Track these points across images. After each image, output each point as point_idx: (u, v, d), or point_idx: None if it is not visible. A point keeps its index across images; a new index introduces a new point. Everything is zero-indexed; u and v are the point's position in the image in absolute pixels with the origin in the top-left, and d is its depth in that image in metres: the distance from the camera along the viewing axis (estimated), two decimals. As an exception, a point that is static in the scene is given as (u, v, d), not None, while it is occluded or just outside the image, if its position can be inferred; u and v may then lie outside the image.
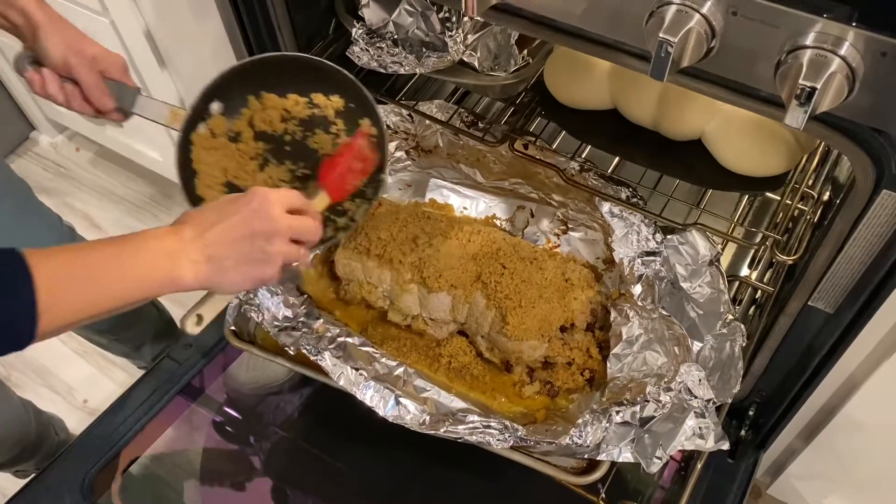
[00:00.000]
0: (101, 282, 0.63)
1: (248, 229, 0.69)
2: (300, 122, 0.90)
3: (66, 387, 1.63)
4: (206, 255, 0.67)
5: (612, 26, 0.68)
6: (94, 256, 0.63)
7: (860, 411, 0.99)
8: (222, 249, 0.68)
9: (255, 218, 0.69)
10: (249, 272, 0.70)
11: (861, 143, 0.68)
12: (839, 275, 0.81)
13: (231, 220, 0.68)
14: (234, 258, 0.68)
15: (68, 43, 0.80)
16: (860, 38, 0.56)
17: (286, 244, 0.71)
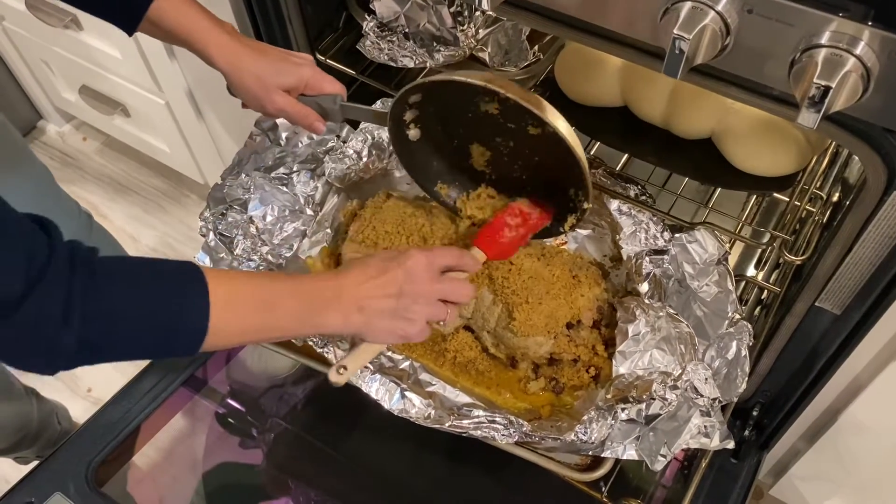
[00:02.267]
0: (268, 315, 0.69)
1: (397, 288, 0.75)
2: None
3: (70, 375, 1.63)
4: (357, 307, 0.74)
5: (626, 22, 0.68)
6: (267, 290, 0.70)
7: (865, 413, 0.99)
8: (373, 303, 0.74)
9: (406, 278, 0.75)
10: (393, 328, 0.76)
11: (873, 143, 0.68)
12: (847, 276, 0.81)
13: (385, 277, 0.75)
14: (380, 313, 0.75)
15: (254, 93, 0.84)
16: (876, 37, 0.56)
17: (432, 305, 0.77)
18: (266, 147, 1.05)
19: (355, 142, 1.07)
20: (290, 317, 0.71)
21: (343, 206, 1.08)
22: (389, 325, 0.76)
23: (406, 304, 0.75)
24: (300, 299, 0.72)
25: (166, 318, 0.62)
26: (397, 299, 0.75)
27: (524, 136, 0.83)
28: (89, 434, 1.04)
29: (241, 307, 0.67)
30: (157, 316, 0.62)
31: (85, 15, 1.38)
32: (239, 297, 0.67)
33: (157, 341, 0.63)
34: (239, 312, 0.66)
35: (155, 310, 0.62)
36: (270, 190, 1.02)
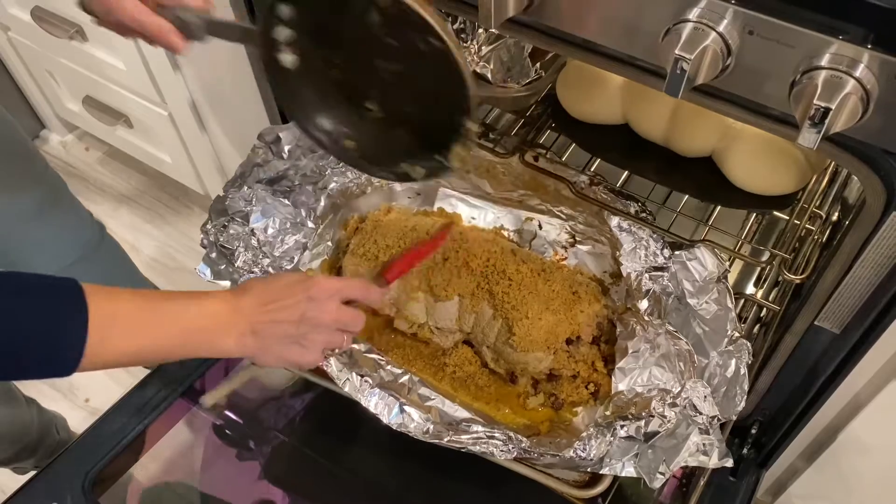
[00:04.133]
0: (152, 334, 0.67)
1: (299, 314, 0.73)
2: None
3: (68, 385, 1.63)
4: (253, 330, 0.72)
5: (627, 42, 0.68)
6: (153, 309, 0.67)
7: (864, 432, 0.99)
8: (270, 328, 0.72)
9: (309, 306, 0.73)
10: (288, 354, 0.75)
11: (872, 164, 0.68)
12: (847, 295, 0.81)
13: (287, 301, 0.73)
14: (277, 338, 0.73)
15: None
16: (875, 60, 0.56)
17: (330, 333, 0.76)
18: (269, 160, 1.06)
19: (357, 156, 1.07)
20: (178, 337, 0.68)
21: (344, 219, 1.09)
22: (284, 352, 0.75)
23: (304, 332, 0.74)
24: (188, 322, 0.69)
25: (42, 334, 0.59)
26: (297, 326, 0.74)
27: (410, 53, 0.70)
28: (87, 444, 1.04)
29: (122, 326, 0.64)
30: (26, 334, 0.59)
31: (90, 26, 1.38)
32: (120, 316, 0.64)
33: (31, 357, 0.59)
34: (120, 332, 0.63)
35: (32, 324, 0.59)
36: (272, 202, 1.02)
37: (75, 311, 0.61)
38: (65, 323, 0.60)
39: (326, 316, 0.75)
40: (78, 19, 1.39)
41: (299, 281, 0.75)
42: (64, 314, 0.60)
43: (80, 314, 0.60)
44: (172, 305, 0.69)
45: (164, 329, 0.68)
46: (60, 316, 0.60)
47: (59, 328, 0.60)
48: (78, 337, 0.60)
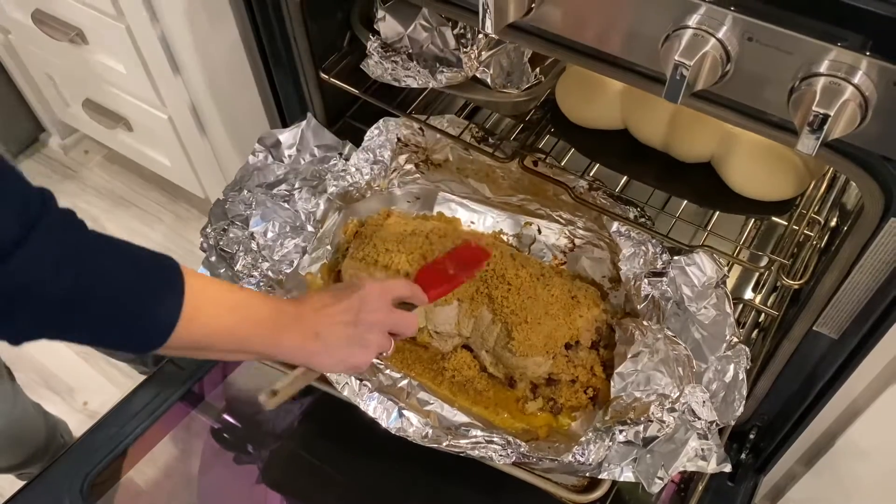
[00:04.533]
0: (232, 318, 0.68)
1: (353, 315, 0.75)
2: None
3: (66, 388, 1.63)
4: (315, 331, 0.73)
5: (627, 47, 0.68)
6: (234, 292, 0.69)
7: (862, 438, 0.99)
8: (331, 330, 0.74)
9: (361, 305, 0.76)
10: (347, 355, 0.76)
11: (870, 170, 0.68)
12: (845, 301, 0.81)
13: (341, 304, 0.75)
14: (338, 339, 0.75)
15: None
16: (873, 67, 0.56)
17: (383, 335, 0.78)
18: (269, 164, 1.06)
19: (357, 160, 1.08)
20: (255, 326, 0.70)
21: (344, 223, 1.09)
22: (345, 353, 0.76)
23: (361, 332, 0.76)
24: (258, 311, 0.70)
25: (141, 301, 0.61)
26: (354, 326, 0.75)
27: None
28: (85, 448, 1.04)
29: (213, 306, 0.66)
30: (134, 296, 0.60)
31: (90, 29, 1.39)
32: (208, 297, 0.65)
33: (127, 322, 0.60)
34: (210, 311, 0.65)
35: (134, 290, 0.60)
36: (272, 206, 1.02)
37: (174, 285, 0.62)
38: (164, 295, 0.61)
39: (379, 315, 0.77)
40: (78, 22, 1.39)
41: (349, 286, 0.78)
42: (164, 286, 0.62)
43: (178, 287, 0.62)
44: (247, 294, 0.71)
45: (240, 314, 0.68)
46: (160, 288, 0.62)
47: (158, 300, 0.61)
48: (174, 309, 0.61)
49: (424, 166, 1.13)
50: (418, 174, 1.13)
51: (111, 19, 1.29)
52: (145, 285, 0.61)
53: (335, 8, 1.07)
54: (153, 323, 0.61)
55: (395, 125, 1.09)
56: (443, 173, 1.13)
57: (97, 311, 0.58)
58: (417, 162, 1.13)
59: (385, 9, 0.99)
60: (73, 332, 0.60)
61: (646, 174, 0.98)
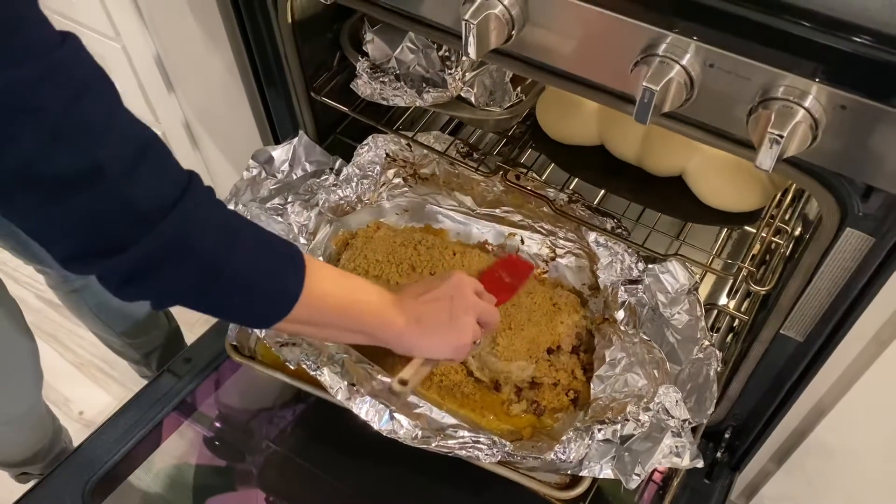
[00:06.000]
0: (347, 300, 0.74)
1: (448, 299, 0.81)
2: None
3: (62, 398, 1.65)
4: (416, 316, 0.79)
5: (599, 71, 0.73)
6: (347, 277, 0.75)
7: (829, 436, 1.04)
8: (430, 314, 0.80)
9: (454, 292, 0.81)
10: (448, 337, 0.81)
11: (826, 184, 0.73)
12: (808, 305, 0.86)
13: (434, 291, 0.81)
14: (438, 322, 0.80)
15: None
16: (822, 92, 0.61)
17: (474, 321, 0.82)
18: (262, 179, 1.10)
19: (348, 174, 1.12)
20: (366, 306, 0.75)
21: (335, 235, 1.13)
22: (445, 336, 0.81)
23: (457, 315, 0.81)
24: (368, 295, 0.76)
25: (271, 275, 0.66)
26: (449, 311, 0.81)
27: None
28: (85, 455, 1.07)
29: (330, 285, 0.71)
30: (265, 271, 0.66)
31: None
32: (327, 276, 0.72)
33: (257, 294, 0.66)
34: (326, 289, 0.71)
35: (266, 265, 0.66)
36: (266, 220, 1.06)
37: (298, 265, 0.68)
38: (290, 272, 0.67)
39: (469, 299, 0.82)
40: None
41: (439, 276, 0.84)
42: (290, 264, 0.68)
43: (300, 267, 0.68)
44: (358, 279, 0.77)
45: (352, 295, 0.74)
46: (287, 265, 0.67)
47: (285, 276, 0.67)
48: (297, 285, 0.67)
49: (412, 180, 1.18)
50: (406, 188, 1.18)
51: (108, 39, 1.33)
52: (276, 262, 0.67)
53: (325, 29, 1.11)
54: (279, 297, 0.67)
55: (383, 141, 1.14)
56: (430, 187, 1.17)
57: (233, 281, 0.63)
58: (405, 176, 1.17)
59: (373, 31, 1.04)
60: (208, 299, 0.64)
61: (621, 188, 1.03)
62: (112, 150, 0.54)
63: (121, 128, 0.56)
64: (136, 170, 0.56)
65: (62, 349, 1.72)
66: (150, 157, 0.58)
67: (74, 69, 0.53)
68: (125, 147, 0.56)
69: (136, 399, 1.15)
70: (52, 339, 1.74)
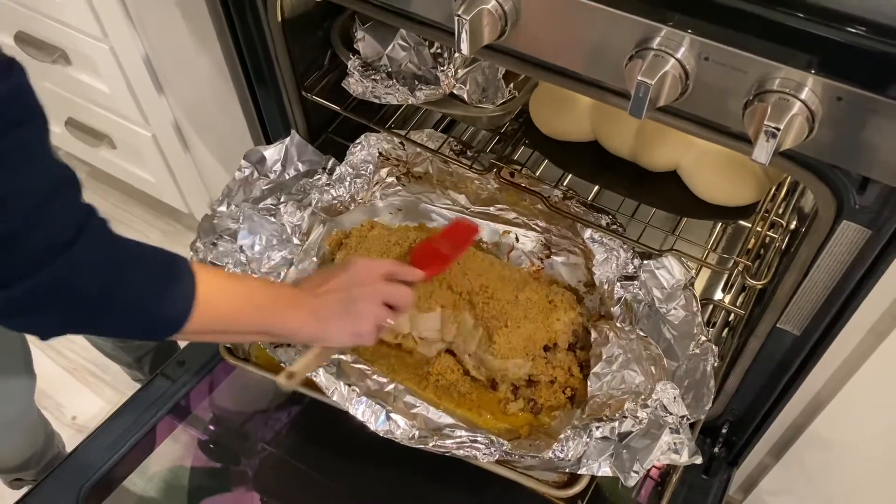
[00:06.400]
0: (243, 304, 0.76)
1: (344, 289, 0.83)
2: None
3: (54, 404, 1.64)
4: (312, 309, 0.81)
5: (593, 66, 0.73)
6: (243, 280, 0.78)
7: (827, 429, 1.04)
8: (325, 306, 0.82)
9: (350, 279, 0.83)
10: (345, 326, 0.83)
11: (822, 177, 0.73)
12: (805, 299, 0.86)
13: (332, 282, 0.83)
14: (333, 314, 0.82)
15: None
16: (818, 84, 0.61)
17: (377, 305, 0.84)
18: (254, 179, 1.09)
19: (341, 174, 1.12)
20: (259, 310, 0.77)
21: (328, 235, 1.13)
22: (342, 325, 0.82)
23: (354, 301, 0.82)
24: (266, 297, 0.79)
25: (159, 295, 0.68)
26: (347, 300, 0.82)
27: None
28: (80, 460, 1.06)
29: (221, 295, 0.73)
30: (153, 292, 0.67)
31: (73, 50, 1.41)
32: (218, 286, 0.73)
33: (148, 314, 0.68)
34: (219, 300, 0.72)
35: (152, 287, 0.67)
36: (259, 220, 1.06)
37: (186, 279, 0.69)
38: (178, 288, 0.69)
39: (367, 287, 0.84)
40: (62, 44, 1.41)
41: (340, 265, 0.86)
42: (177, 281, 0.69)
43: (190, 281, 0.69)
44: (255, 282, 0.80)
45: (245, 301, 0.76)
46: (175, 282, 0.69)
47: (174, 293, 0.68)
48: (188, 299, 0.68)
49: (405, 179, 1.17)
50: (399, 186, 1.17)
51: (95, 41, 1.32)
52: (164, 285, 0.68)
53: (315, 28, 1.10)
54: (171, 313, 0.69)
55: (376, 140, 1.13)
56: (423, 185, 1.17)
57: (121, 311, 0.65)
58: (399, 175, 1.17)
59: (364, 29, 1.03)
60: (96, 329, 0.69)
61: (616, 183, 1.02)
62: (20, 186, 0.55)
63: (38, 166, 0.57)
64: (39, 210, 0.57)
65: (54, 354, 1.71)
66: (57, 200, 0.59)
67: (9, 103, 0.55)
68: (35, 186, 0.57)
69: (130, 403, 1.14)
70: (43, 344, 1.73)
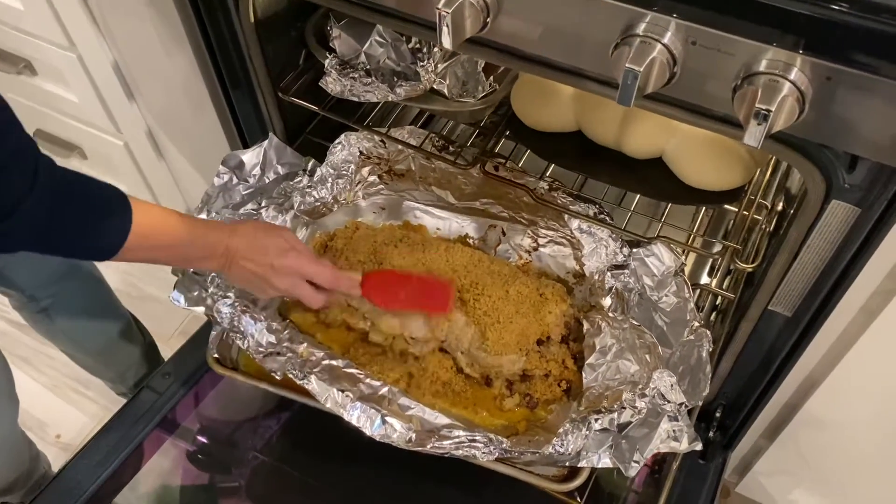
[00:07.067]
0: (172, 237, 0.84)
1: (263, 272, 0.89)
2: None
3: (37, 422, 1.60)
4: (229, 265, 0.89)
5: (578, 56, 0.72)
6: (176, 218, 0.84)
7: (820, 408, 1.05)
8: (239, 270, 0.89)
9: (271, 272, 0.89)
10: (246, 287, 0.94)
11: (811, 157, 0.73)
12: (795, 280, 0.86)
13: (259, 259, 0.88)
14: (241, 277, 0.91)
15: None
16: (807, 63, 0.61)
17: (284, 290, 0.91)
18: (234, 184, 1.07)
19: (322, 175, 1.10)
20: (180, 252, 0.87)
21: (312, 237, 1.11)
22: (244, 285, 0.93)
23: (263, 281, 0.90)
24: (195, 244, 0.86)
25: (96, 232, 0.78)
26: (257, 279, 0.90)
27: None
28: (68, 479, 1.04)
29: (154, 225, 0.81)
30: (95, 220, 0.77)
31: (39, 61, 1.38)
32: (153, 218, 0.81)
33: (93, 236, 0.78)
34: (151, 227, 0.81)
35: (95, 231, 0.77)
36: (240, 226, 1.03)
37: (125, 206, 0.78)
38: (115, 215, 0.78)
39: (281, 284, 0.90)
40: (26, 54, 1.38)
41: (279, 248, 0.90)
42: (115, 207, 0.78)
43: (127, 208, 0.78)
44: (189, 222, 0.86)
45: (179, 236, 0.84)
46: (114, 207, 0.78)
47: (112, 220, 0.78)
48: (125, 224, 0.78)
49: (388, 177, 1.16)
50: (382, 185, 1.16)
51: (62, 49, 1.29)
52: (105, 214, 0.78)
53: (289, 27, 1.09)
54: (111, 236, 0.78)
55: (356, 139, 1.12)
56: (406, 183, 1.15)
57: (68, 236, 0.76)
58: (380, 173, 1.15)
59: (340, 27, 1.01)
60: (53, 247, 0.78)
61: (601, 172, 1.01)
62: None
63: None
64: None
65: (34, 372, 1.67)
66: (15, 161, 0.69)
67: None
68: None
69: (116, 419, 1.11)
70: (22, 363, 1.69)
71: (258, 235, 0.90)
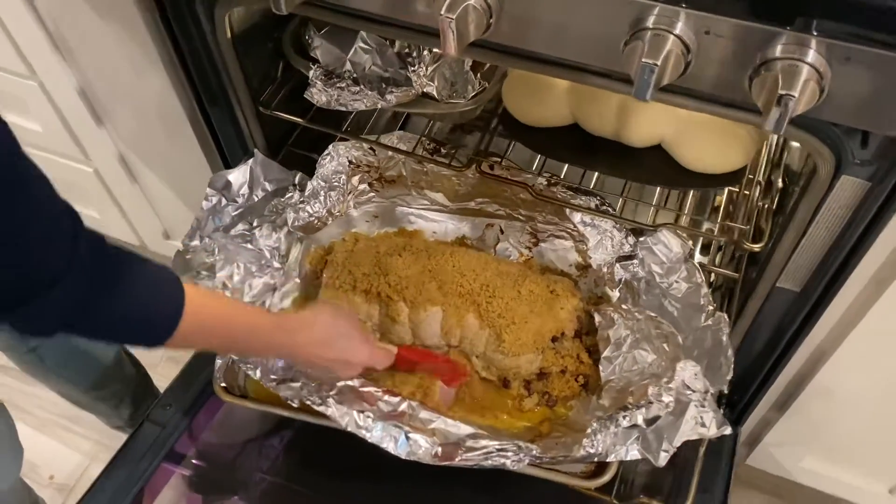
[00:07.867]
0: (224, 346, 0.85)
1: (329, 364, 0.89)
2: None
3: (29, 465, 1.53)
4: (305, 362, 0.92)
5: (585, 52, 0.71)
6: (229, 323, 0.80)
7: (830, 380, 1.05)
8: (306, 364, 0.92)
9: (342, 366, 0.91)
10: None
11: (820, 135, 0.73)
12: (804, 256, 0.86)
13: (329, 354, 0.88)
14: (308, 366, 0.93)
15: None
16: (822, 44, 0.60)
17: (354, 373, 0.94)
18: (223, 206, 1.04)
19: (313, 189, 1.07)
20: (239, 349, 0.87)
21: (307, 252, 1.08)
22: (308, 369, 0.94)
23: (326, 371, 0.92)
24: (258, 342, 0.84)
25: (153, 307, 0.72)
26: (324, 369, 0.91)
27: None
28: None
29: (208, 321, 0.77)
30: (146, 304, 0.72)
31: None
32: (209, 305, 0.78)
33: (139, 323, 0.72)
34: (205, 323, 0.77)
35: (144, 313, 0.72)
36: (234, 248, 1.00)
37: (177, 291, 0.73)
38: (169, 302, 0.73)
39: (348, 374, 0.93)
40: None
41: (347, 343, 0.89)
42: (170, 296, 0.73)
43: (180, 292, 0.73)
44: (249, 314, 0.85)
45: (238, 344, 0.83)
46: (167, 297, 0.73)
47: (163, 307, 0.72)
48: (177, 308, 0.72)
49: (378, 184, 1.13)
50: (373, 193, 1.13)
51: (21, 78, 1.23)
52: (155, 295, 0.73)
53: (265, 39, 1.05)
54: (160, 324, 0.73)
55: (345, 149, 1.09)
56: (398, 188, 1.13)
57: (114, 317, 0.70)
58: (371, 181, 1.13)
59: (321, 36, 0.98)
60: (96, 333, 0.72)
61: (600, 163, 1.00)
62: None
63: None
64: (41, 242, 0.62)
65: (20, 413, 1.60)
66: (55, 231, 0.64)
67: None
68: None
69: (120, 456, 1.08)
70: (7, 405, 1.63)
71: (331, 326, 0.89)
